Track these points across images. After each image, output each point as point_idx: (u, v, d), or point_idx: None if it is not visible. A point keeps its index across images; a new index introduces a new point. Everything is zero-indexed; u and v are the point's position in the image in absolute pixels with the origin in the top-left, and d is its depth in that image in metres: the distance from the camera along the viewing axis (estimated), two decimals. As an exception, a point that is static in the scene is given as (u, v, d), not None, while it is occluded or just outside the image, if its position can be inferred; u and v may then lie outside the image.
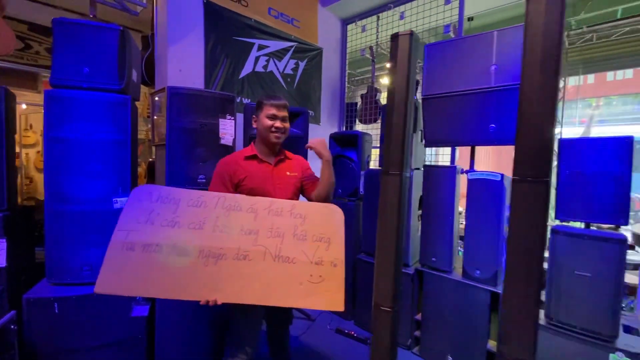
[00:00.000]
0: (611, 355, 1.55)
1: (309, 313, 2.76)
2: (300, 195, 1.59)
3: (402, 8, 3.35)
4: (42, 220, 1.68)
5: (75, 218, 1.69)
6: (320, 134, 3.40)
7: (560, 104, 5.08)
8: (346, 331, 2.50)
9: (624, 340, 1.59)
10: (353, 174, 2.74)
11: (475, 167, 2.17)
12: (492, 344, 1.92)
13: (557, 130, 5.17)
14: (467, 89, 2.00)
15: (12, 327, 1.47)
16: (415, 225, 2.32)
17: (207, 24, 2.58)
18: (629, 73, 5.52)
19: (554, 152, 0.76)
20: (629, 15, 4.32)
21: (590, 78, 5.56)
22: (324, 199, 1.47)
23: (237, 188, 1.43)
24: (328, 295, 1.25)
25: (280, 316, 1.61)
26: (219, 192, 1.37)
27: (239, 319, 1.43)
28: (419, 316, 2.25)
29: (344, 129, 3.97)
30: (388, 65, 2.47)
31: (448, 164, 2.79)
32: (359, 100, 3.84)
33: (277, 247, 1.26)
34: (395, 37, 1.02)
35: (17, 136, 1.83)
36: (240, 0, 2.84)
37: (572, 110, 5.65)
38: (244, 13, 2.85)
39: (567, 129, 5.50)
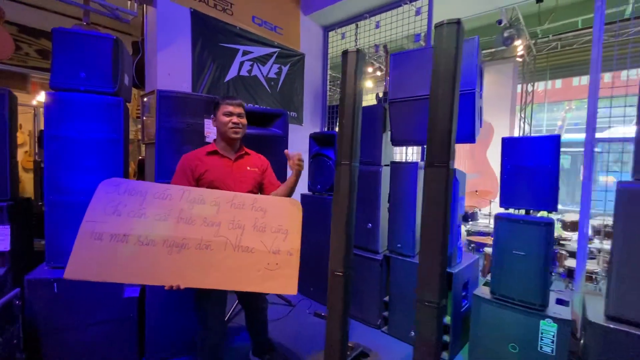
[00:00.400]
0: (541, 321, 1.82)
1: (289, 299, 2.98)
2: None
3: (377, 18, 3.61)
4: (37, 213, 1.86)
5: (72, 208, 1.87)
6: (303, 134, 3.62)
7: (529, 107, 5.44)
8: (323, 314, 2.73)
9: (553, 309, 1.86)
10: (330, 171, 2.97)
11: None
12: (447, 319, 2.17)
13: (527, 130, 5.51)
14: (425, 94, 2.25)
15: (17, 302, 1.65)
16: (385, 216, 2.57)
17: (194, 31, 2.79)
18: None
19: (453, 144, 1.00)
20: (588, 25, 4.69)
21: (558, 83, 5.94)
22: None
23: (199, 181, 1.59)
24: (283, 280, 1.44)
25: (255, 303, 1.81)
26: (182, 184, 1.52)
27: (202, 301, 1.62)
28: (387, 298, 2.49)
29: (326, 130, 4.21)
30: (364, 70, 2.72)
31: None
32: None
33: (237, 238, 1.43)
34: (345, 53, 1.26)
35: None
36: (226, 9, 3.05)
37: (542, 114, 6.02)
38: (229, 21, 3.06)
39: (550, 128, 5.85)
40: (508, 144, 2.02)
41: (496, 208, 5.84)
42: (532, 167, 1.93)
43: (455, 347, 2.23)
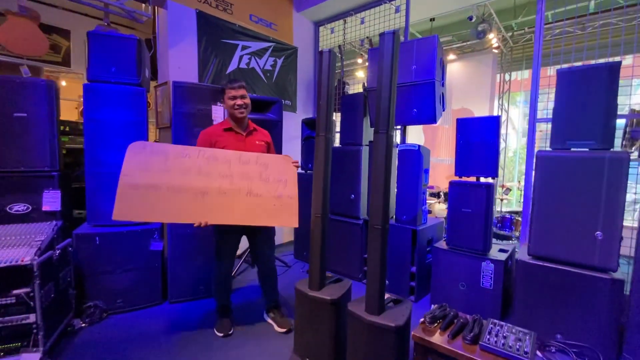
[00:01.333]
0: (482, 263, 2.30)
1: (287, 262, 3.46)
2: None
3: (362, 14, 4.02)
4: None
5: (107, 177, 2.30)
6: (296, 120, 4.02)
7: (506, 95, 5.87)
8: (314, 272, 3.21)
9: (493, 254, 2.35)
10: (319, 151, 3.42)
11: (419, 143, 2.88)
12: (414, 269, 2.65)
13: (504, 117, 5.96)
14: (398, 83, 2.69)
15: (70, 248, 2.12)
16: (365, 188, 3.03)
17: (199, 29, 3.20)
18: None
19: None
20: (560, 19, 5.07)
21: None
22: None
23: None
24: (286, 217, 1.93)
25: (262, 236, 2.19)
26: None
27: (219, 237, 2.07)
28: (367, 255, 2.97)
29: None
30: (360, 61, 3.07)
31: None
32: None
33: (248, 187, 1.89)
34: (320, 53, 1.69)
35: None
36: (226, 9, 3.45)
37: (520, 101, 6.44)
38: (229, 19, 3.46)
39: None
40: (461, 123, 2.47)
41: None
42: (478, 142, 2.38)
43: (420, 292, 2.71)
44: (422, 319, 1.49)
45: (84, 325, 2.15)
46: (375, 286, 1.50)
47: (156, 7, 3.06)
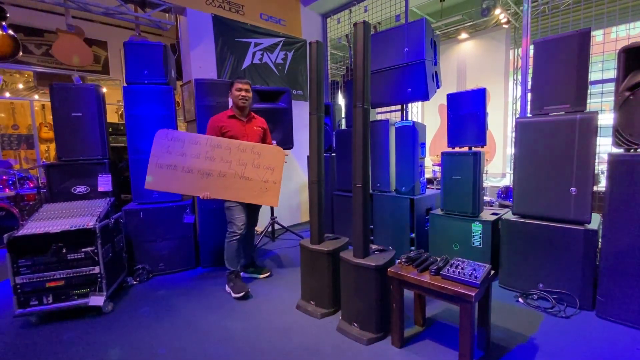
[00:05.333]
0: (472, 224, 2.52)
1: (302, 236, 3.84)
2: None
3: (365, 3, 4.23)
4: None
5: (145, 163, 2.74)
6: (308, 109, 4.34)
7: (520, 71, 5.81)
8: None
9: (484, 216, 2.56)
10: (327, 135, 3.74)
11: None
12: (413, 235, 2.92)
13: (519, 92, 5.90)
14: (392, 65, 2.94)
15: (121, 220, 2.61)
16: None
17: (215, 31, 3.60)
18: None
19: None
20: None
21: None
22: None
23: (223, 135, 2.41)
24: (270, 198, 2.35)
25: (251, 214, 2.61)
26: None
27: (230, 208, 2.43)
28: (372, 226, 3.26)
29: (329, 101, 4.93)
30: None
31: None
32: (339, 79, 4.78)
33: (242, 171, 2.32)
34: (311, 44, 2.00)
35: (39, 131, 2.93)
36: (239, 11, 3.82)
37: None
38: (241, 20, 3.84)
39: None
40: (450, 98, 2.68)
41: (492, 168, 6.32)
42: (466, 114, 2.59)
43: (421, 255, 2.97)
44: (398, 260, 1.78)
45: (135, 282, 2.65)
46: (359, 234, 1.81)
47: (177, 15, 3.50)
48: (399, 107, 3.42)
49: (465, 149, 2.66)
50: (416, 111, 7.08)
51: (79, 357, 1.72)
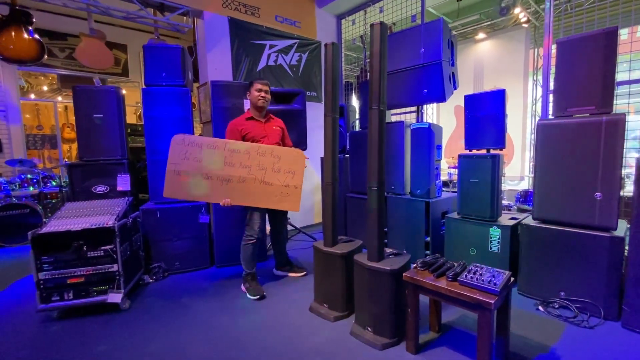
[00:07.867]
0: (490, 229, 2.46)
1: (315, 238, 3.83)
2: None
3: (380, 3, 4.20)
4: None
5: (163, 164, 2.80)
6: (322, 110, 4.35)
7: (541, 71, 5.64)
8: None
9: (502, 221, 2.49)
10: (341, 136, 3.72)
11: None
12: (428, 238, 2.87)
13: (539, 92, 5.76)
14: (408, 66, 2.90)
15: (139, 219, 2.67)
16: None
17: (231, 34, 3.64)
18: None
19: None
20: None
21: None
22: None
23: (244, 138, 2.40)
24: (291, 203, 2.31)
25: (279, 217, 2.66)
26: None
27: (250, 212, 2.44)
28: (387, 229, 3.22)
29: (343, 103, 4.92)
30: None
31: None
32: (353, 81, 4.76)
33: (262, 176, 2.28)
34: (326, 45, 1.99)
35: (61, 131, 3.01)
36: (254, 13, 3.86)
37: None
38: (257, 22, 3.87)
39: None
40: (468, 99, 2.62)
41: (509, 171, 6.20)
42: (485, 115, 2.52)
43: (436, 260, 2.92)
44: (414, 264, 1.75)
45: (151, 280, 2.70)
46: (374, 238, 1.79)
47: (195, 18, 3.56)
48: (414, 108, 3.38)
49: (483, 151, 2.60)
50: (431, 112, 6.99)
51: (99, 351, 1.76)
